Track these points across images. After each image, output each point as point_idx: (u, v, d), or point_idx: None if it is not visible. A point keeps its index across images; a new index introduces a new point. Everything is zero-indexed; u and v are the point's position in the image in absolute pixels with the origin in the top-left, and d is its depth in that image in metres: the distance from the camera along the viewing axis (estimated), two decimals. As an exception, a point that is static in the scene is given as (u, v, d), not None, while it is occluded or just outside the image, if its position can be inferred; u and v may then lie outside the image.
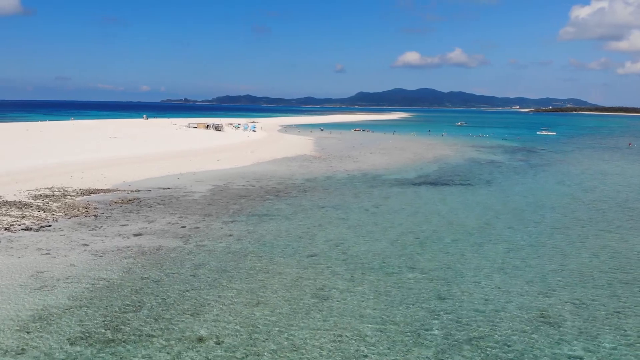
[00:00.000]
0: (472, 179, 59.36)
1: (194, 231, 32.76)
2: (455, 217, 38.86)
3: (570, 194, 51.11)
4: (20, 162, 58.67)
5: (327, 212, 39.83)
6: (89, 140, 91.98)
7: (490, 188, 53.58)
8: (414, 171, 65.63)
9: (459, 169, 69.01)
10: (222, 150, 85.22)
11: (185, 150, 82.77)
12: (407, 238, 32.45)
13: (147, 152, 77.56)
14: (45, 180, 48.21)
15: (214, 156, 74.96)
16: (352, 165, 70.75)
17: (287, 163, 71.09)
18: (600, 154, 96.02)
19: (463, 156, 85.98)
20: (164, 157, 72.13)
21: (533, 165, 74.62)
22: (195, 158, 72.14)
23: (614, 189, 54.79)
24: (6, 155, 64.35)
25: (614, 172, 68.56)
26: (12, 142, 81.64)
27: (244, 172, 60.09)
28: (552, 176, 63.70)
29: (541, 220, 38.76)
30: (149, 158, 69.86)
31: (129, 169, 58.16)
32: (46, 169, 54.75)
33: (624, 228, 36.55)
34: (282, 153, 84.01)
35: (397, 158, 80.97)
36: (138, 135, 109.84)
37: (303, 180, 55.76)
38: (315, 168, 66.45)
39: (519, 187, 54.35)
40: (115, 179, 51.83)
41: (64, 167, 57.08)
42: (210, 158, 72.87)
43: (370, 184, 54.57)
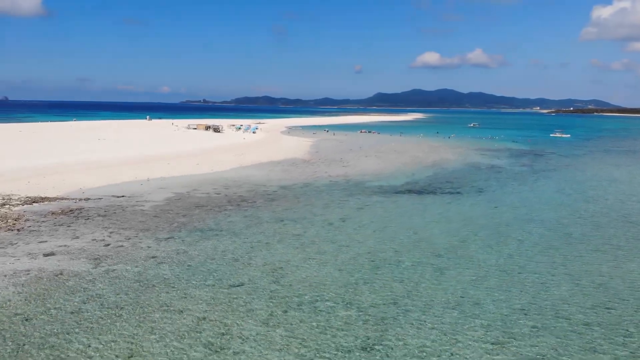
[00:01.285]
0: (463, 187, 54.34)
1: (115, 251, 28.45)
2: (427, 234, 34.08)
3: (568, 205, 45.85)
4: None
5: (284, 226, 35.30)
6: (76, 142, 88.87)
7: (479, 198, 48.55)
8: (404, 177, 60.78)
9: (453, 174, 63.96)
10: (209, 152, 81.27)
11: (169, 152, 79.06)
12: (361, 261, 27.74)
13: (128, 155, 73.95)
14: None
15: (196, 159, 70.96)
16: (339, 170, 66.11)
17: (271, 167, 66.74)
18: (612, 159, 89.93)
19: (463, 160, 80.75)
20: (143, 160, 68.39)
21: (536, 171, 69.18)
22: (175, 161, 68.22)
23: (619, 199, 49.36)
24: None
25: (623, 179, 62.88)
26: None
27: (218, 178, 55.91)
28: (553, 183, 58.32)
29: (525, 237, 33.79)
30: (126, 161, 66.13)
31: (95, 174, 54.35)
32: (6, 174, 51.07)
33: (620, 249, 31.41)
34: (272, 156, 79.77)
35: (392, 162, 76.11)
36: (131, 137, 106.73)
37: (277, 187, 51.32)
38: (298, 173, 61.99)
39: (512, 197, 49.20)
40: (73, 185, 47.98)
41: (26, 172, 53.55)
42: (191, 161, 68.87)
43: (350, 192, 49.90)
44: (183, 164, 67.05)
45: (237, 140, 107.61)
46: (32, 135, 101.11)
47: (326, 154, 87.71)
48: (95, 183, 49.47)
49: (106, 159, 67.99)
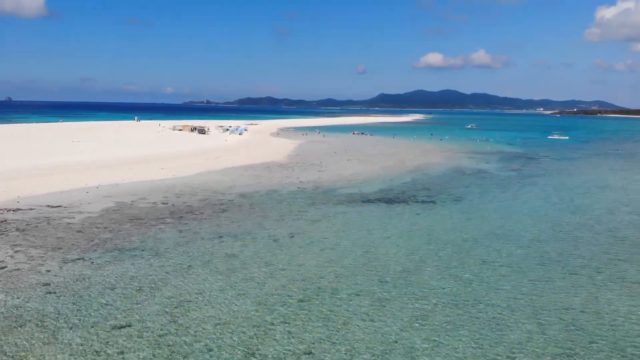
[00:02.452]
0: (440, 195, 49.93)
1: (6, 276, 24.36)
2: (381, 254, 29.83)
3: (551, 216, 41.39)
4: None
5: (220, 244, 31.02)
6: (48, 145, 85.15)
7: (453, 208, 44.15)
8: (379, 183, 56.41)
9: (433, 181, 59.54)
10: (181, 156, 77.12)
11: (140, 155, 75.07)
12: (290, 292, 23.44)
13: (94, 158, 70.11)
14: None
15: (163, 164, 66.82)
16: (313, 175, 61.78)
17: (242, 172, 62.49)
18: (608, 162, 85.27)
19: (449, 164, 76.28)
20: (106, 164, 64.42)
21: (523, 177, 64.66)
22: (140, 165, 64.16)
23: (608, 209, 44.88)
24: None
25: (617, 186, 58.31)
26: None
27: (177, 184, 51.81)
28: (539, 191, 53.83)
29: (492, 258, 29.38)
30: (88, 166, 62.32)
31: (44, 181, 50.37)
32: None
33: (599, 273, 27.02)
34: (248, 160, 75.54)
35: (373, 167, 71.70)
36: (109, 139, 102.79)
37: (237, 195, 47.06)
38: (267, 179, 57.70)
39: (490, 207, 44.78)
40: (11, 193, 43.88)
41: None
42: (157, 166, 64.77)
43: (314, 200, 45.58)
44: (147, 168, 62.94)
45: (218, 143, 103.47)
46: (9, 138, 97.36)
47: (307, 157, 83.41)
48: (37, 191, 45.31)
49: (69, 163, 64.13)
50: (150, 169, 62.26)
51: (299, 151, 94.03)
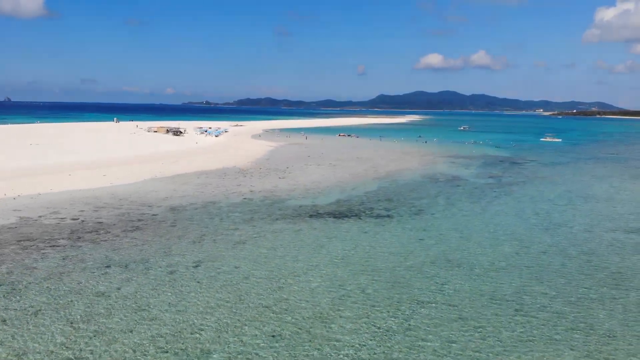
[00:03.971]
0: (400, 207, 44.14)
1: None
2: (295, 292, 24.38)
3: (519, 236, 35.54)
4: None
5: (98, 278, 25.44)
6: (3, 147, 79.43)
7: (409, 224, 38.36)
8: (339, 193, 50.62)
9: (400, 190, 53.74)
10: (135, 160, 71.53)
11: (88, 161, 69.61)
12: (140, 357, 17.41)
13: (36, 164, 64.76)
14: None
15: (107, 170, 61.09)
16: (270, 183, 55.97)
17: (192, 179, 56.71)
18: (597, 168, 79.37)
19: (425, 170, 70.45)
20: (46, 171, 59.20)
21: (501, 185, 58.81)
22: (81, 172, 58.89)
23: (589, 225, 39.04)
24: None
25: (602, 196, 52.44)
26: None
27: (105, 194, 46.29)
28: (514, 203, 47.95)
29: (432, 297, 23.74)
30: (22, 172, 56.99)
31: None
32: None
33: (561, 320, 21.15)
34: (207, 165, 69.77)
35: (341, 173, 65.86)
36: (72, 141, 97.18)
37: (166, 208, 41.30)
38: (214, 187, 51.93)
39: (452, 223, 38.99)
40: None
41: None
42: (99, 172, 59.23)
43: (253, 215, 39.82)
44: (88, 175, 57.21)
45: (187, 146, 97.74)
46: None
47: (275, 161, 77.60)
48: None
49: (4, 169, 58.23)
50: (91, 176, 56.51)
51: (270, 155, 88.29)
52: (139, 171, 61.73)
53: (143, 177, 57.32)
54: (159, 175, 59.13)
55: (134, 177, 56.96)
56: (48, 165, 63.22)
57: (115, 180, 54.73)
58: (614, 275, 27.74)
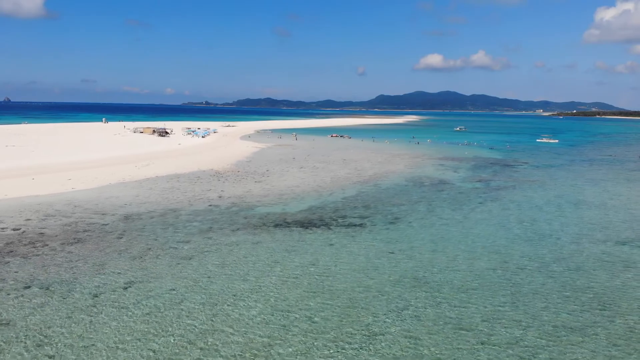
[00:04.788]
0: (376, 216, 40.96)
1: None
2: (231, 321, 21.43)
3: (498, 249, 32.35)
4: None
5: (9, 302, 21.82)
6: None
7: (382, 235, 35.21)
8: (315, 199, 47.45)
9: (380, 195, 50.53)
10: (107, 163, 68.38)
11: (58, 163, 66.68)
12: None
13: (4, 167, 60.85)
14: None
15: (74, 173, 57.97)
16: (244, 188, 52.79)
17: (160, 183, 53.61)
18: (592, 171, 76.09)
19: (410, 174, 67.21)
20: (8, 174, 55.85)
21: (489, 190, 55.54)
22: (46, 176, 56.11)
23: (577, 236, 35.81)
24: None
25: (593, 202, 49.18)
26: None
27: (61, 200, 43.53)
28: (499, 210, 44.70)
29: (386, 327, 20.69)
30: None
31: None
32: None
33: (535, 358, 17.81)
34: (183, 167, 66.58)
35: (322, 177, 62.65)
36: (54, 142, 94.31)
37: (120, 217, 38.14)
38: (182, 193, 48.82)
39: (428, 234, 35.81)
40: None
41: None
42: (65, 176, 56.08)
43: (213, 225, 36.72)
44: (52, 179, 54.17)
45: (169, 147, 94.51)
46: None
47: (257, 164, 74.38)
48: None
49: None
50: (54, 180, 53.38)
51: (253, 157, 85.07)
52: (108, 175, 58.54)
53: (109, 182, 54.11)
54: (127, 179, 55.94)
55: (99, 182, 53.76)
56: (14, 168, 60.12)
57: (79, 184, 51.57)
58: (599, 297, 24.51)
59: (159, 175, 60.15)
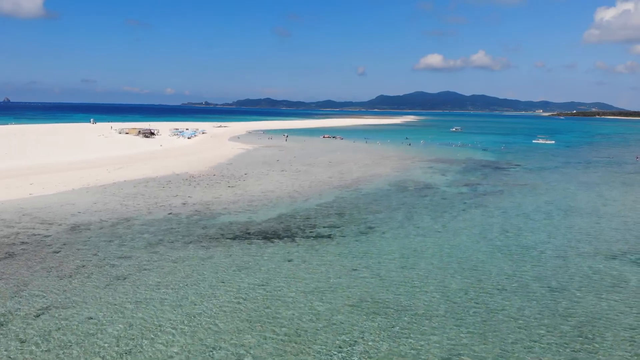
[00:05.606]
0: (348, 225, 37.87)
1: None
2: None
3: (477, 263, 29.17)
4: None
5: None
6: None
7: (349, 248, 32.16)
8: (287, 206, 44.37)
9: (358, 202, 47.39)
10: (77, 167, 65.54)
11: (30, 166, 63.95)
12: None
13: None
14: None
15: (39, 177, 54.72)
16: (214, 193, 49.60)
17: (125, 189, 50.54)
18: (587, 173, 72.81)
19: (396, 177, 64.02)
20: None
21: (475, 195, 52.31)
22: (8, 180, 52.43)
23: (563, 249, 32.64)
24: None
25: (585, 209, 45.95)
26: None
27: (19, 207, 41.54)
28: (483, 218, 41.47)
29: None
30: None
31: None
32: None
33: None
34: (157, 171, 63.51)
35: (302, 180, 59.47)
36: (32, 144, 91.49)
37: (67, 227, 35.07)
38: (145, 199, 45.72)
39: (400, 246, 32.77)
40: None
41: None
42: (27, 181, 52.62)
43: (164, 237, 33.72)
44: (14, 183, 51.98)
45: (149, 149, 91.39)
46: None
47: (237, 167, 71.21)
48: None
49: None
50: (14, 185, 50.40)
51: (236, 159, 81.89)
52: (75, 179, 55.37)
53: (72, 187, 50.91)
54: (93, 184, 52.74)
55: (62, 187, 50.59)
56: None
57: (39, 190, 48.41)
58: (582, 327, 21.26)
59: (128, 179, 56.95)
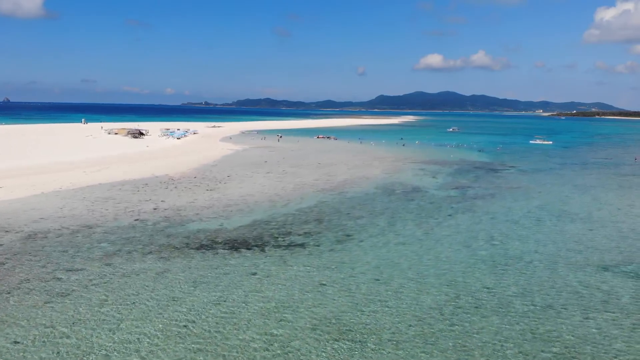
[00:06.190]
0: (325, 233, 35.74)
1: None
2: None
3: (457, 276, 26.91)
4: None
5: None
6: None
7: (320, 259, 29.98)
8: (265, 211, 42.13)
9: (340, 207, 45.18)
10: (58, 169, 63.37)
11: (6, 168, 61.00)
12: None
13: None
14: None
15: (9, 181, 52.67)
16: (189, 198, 47.30)
17: (96, 193, 48.39)
18: (584, 175, 70.44)
19: (384, 180, 61.66)
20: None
21: (464, 199, 49.96)
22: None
23: (552, 258, 30.34)
24: None
25: (579, 214, 43.61)
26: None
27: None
28: (469, 224, 39.15)
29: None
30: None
31: None
32: None
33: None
34: (136, 173, 61.21)
35: (286, 183, 57.18)
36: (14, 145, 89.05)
37: (23, 236, 33.07)
38: (114, 205, 43.54)
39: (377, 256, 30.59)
40: None
41: None
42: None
43: (122, 247, 31.43)
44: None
45: (135, 150, 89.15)
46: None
47: (221, 169, 68.89)
48: None
49: None
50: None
51: (222, 161, 79.59)
52: (49, 182, 53.08)
53: (43, 190, 48.61)
54: (65, 188, 50.41)
55: (33, 190, 48.34)
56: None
57: (7, 194, 46.30)
58: (567, 351, 18.84)
59: (104, 182, 54.62)
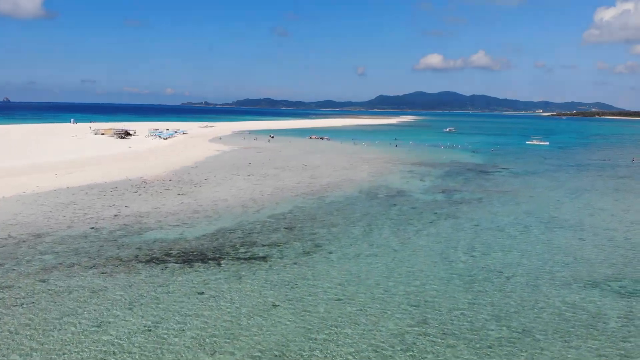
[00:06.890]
0: (292, 243, 33.19)
1: None
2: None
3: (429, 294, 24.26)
4: None
5: None
6: None
7: (281, 275, 27.37)
8: (235, 218, 39.58)
9: (318, 212, 42.62)
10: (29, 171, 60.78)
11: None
12: None
13: None
14: None
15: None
16: (156, 203, 44.68)
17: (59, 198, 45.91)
18: (579, 178, 67.63)
19: (369, 183, 58.94)
20: None
21: (450, 203, 47.23)
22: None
23: (535, 273, 27.66)
24: None
25: (570, 221, 40.84)
26: None
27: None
28: (450, 232, 36.41)
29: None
30: None
31: None
32: None
33: None
34: (108, 176, 58.57)
35: (265, 187, 54.51)
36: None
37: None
38: (73, 211, 40.97)
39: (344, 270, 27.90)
40: None
41: None
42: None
43: (65, 260, 29.02)
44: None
45: (116, 151, 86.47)
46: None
47: (201, 171, 66.17)
48: None
49: None
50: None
51: (205, 161, 76.91)
52: (14, 186, 50.58)
53: (3, 195, 45.83)
54: (29, 192, 47.69)
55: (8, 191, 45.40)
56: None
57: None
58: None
59: (72, 185, 51.89)
